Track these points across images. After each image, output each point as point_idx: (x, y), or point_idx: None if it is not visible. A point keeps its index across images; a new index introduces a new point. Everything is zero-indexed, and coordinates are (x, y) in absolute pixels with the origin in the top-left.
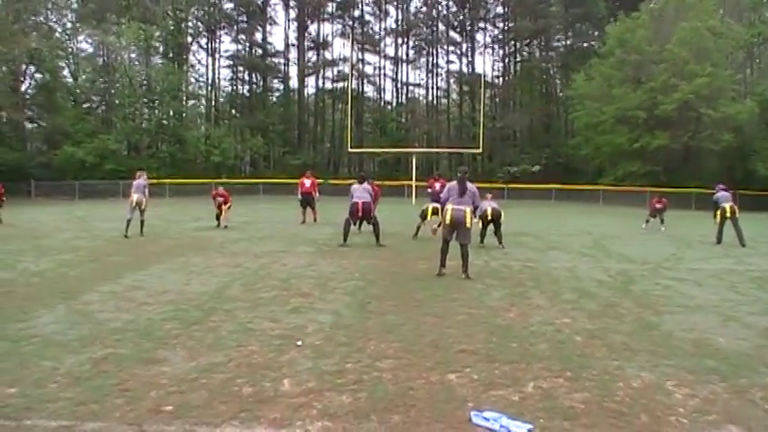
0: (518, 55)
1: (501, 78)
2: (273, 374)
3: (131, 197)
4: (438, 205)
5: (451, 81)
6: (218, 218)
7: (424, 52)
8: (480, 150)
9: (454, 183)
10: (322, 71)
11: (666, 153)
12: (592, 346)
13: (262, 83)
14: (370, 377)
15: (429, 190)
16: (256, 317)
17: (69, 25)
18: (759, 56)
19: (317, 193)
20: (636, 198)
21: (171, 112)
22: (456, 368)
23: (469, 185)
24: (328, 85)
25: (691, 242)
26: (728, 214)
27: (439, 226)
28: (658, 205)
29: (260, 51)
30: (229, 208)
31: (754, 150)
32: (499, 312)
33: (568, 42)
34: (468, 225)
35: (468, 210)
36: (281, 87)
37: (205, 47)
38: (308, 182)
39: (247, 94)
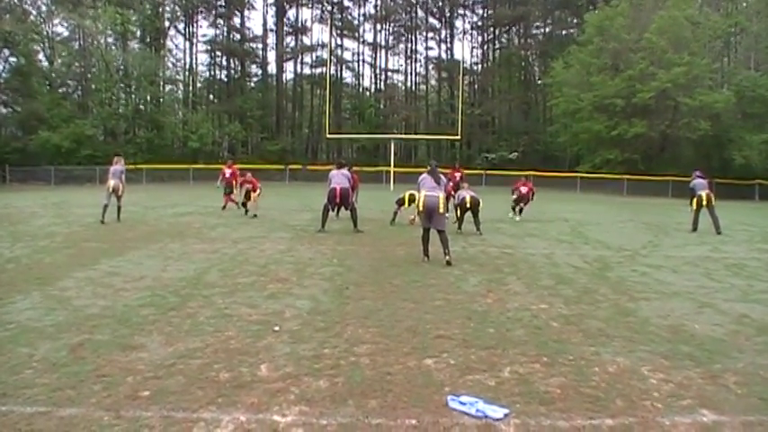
0: (497, 42)
1: (480, 65)
2: (251, 360)
3: (108, 183)
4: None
5: (430, 67)
6: (245, 205)
7: (403, 38)
8: (459, 137)
9: (426, 174)
10: (300, 57)
11: (644, 141)
12: (568, 332)
13: (240, 68)
14: (347, 362)
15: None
16: (234, 302)
17: (44, 8)
18: (736, 45)
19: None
20: (613, 186)
21: (148, 98)
22: (433, 353)
23: (442, 177)
24: (307, 70)
25: (667, 230)
26: (705, 202)
27: (413, 219)
28: (524, 189)
29: (238, 36)
30: (259, 195)
31: (731, 139)
32: (476, 298)
33: (547, 30)
34: (440, 211)
35: (441, 196)
36: (260, 73)
37: (183, 31)
38: (228, 171)
39: (225, 80)
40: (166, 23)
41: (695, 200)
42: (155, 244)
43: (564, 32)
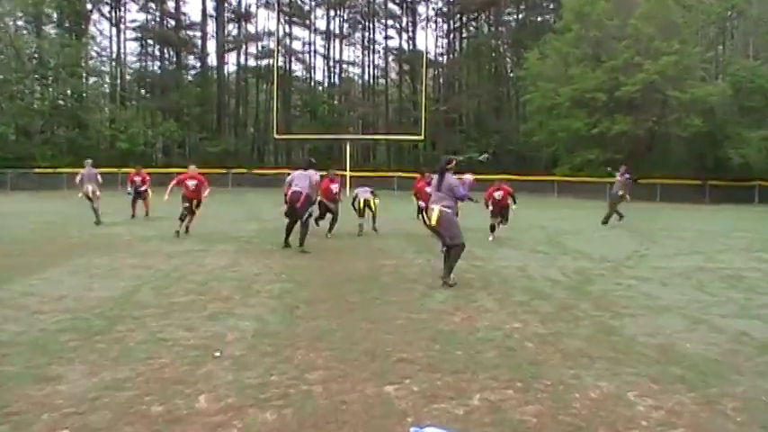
0: (464, 30)
1: (445, 56)
2: (188, 390)
3: (85, 187)
4: (369, 197)
5: (390, 59)
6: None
7: (360, 26)
8: (422, 137)
9: (436, 177)
10: (244, 47)
11: (629, 139)
12: (545, 353)
13: (175, 59)
14: (297, 391)
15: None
16: (169, 325)
17: None
18: (732, 31)
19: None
20: (595, 189)
21: (68, 92)
22: (394, 379)
23: (449, 178)
24: (251, 62)
25: (656, 237)
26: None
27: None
28: (498, 194)
29: (172, 22)
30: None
31: (727, 136)
32: (442, 317)
33: (520, 16)
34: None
35: (438, 207)
36: (198, 65)
37: (108, 16)
38: (138, 179)
39: (159, 72)
40: (88, 6)
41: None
42: (78, 259)
43: (539, 19)
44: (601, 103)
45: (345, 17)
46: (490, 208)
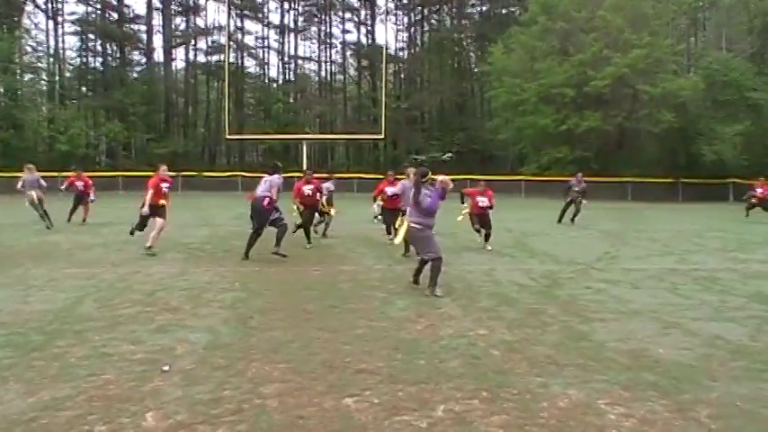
0: (426, 23)
1: (406, 51)
2: (134, 408)
3: (28, 194)
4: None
5: (348, 54)
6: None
7: (316, 20)
8: (382, 136)
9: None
10: (193, 41)
11: (598, 136)
12: (511, 361)
13: (119, 55)
14: (251, 406)
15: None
16: (113, 339)
17: None
18: (704, 22)
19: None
20: (563, 189)
21: (1, 89)
22: (354, 391)
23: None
24: (201, 58)
25: (627, 239)
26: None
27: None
28: (482, 200)
29: (115, 15)
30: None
31: (699, 132)
32: (404, 324)
33: (484, 8)
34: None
35: (408, 222)
36: (144, 61)
37: (44, 8)
38: (80, 183)
39: (101, 69)
40: None
41: None
42: (13, 270)
43: (504, 11)
44: (569, 98)
45: (300, 10)
46: (465, 212)
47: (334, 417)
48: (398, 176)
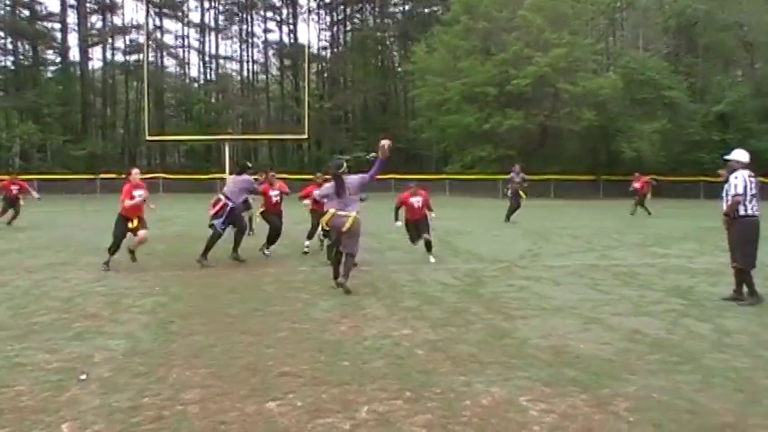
0: (348, 22)
1: (329, 50)
2: (49, 419)
3: None
4: None
5: (270, 54)
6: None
7: (237, 18)
8: (306, 136)
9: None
10: (110, 40)
11: (521, 135)
12: (435, 361)
13: (31, 53)
14: (172, 412)
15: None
16: (27, 348)
17: None
18: (622, 22)
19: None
20: (487, 187)
21: None
22: (276, 395)
23: (349, 178)
24: (119, 57)
25: (549, 236)
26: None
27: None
28: (415, 201)
29: (27, 12)
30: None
31: (619, 129)
32: (328, 326)
33: (407, 8)
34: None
35: (353, 214)
36: (59, 60)
37: None
38: (15, 188)
39: (13, 68)
40: None
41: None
42: None
43: (426, 11)
44: (491, 97)
45: (221, 9)
46: (399, 223)
47: (257, 421)
48: (327, 177)
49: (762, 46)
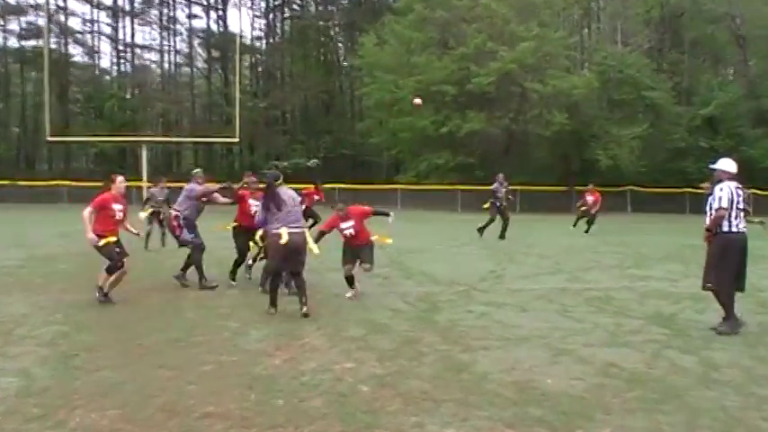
0: (287, 9)
1: (264, 41)
2: None
3: None
4: None
5: (196, 43)
6: None
7: (156, 1)
8: (237, 139)
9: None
10: (2, 22)
11: (483, 140)
12: (382, 398)
13: None
14: None
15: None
16: None
17: None
18: (598, 13)
19: None
20: (444, 199)
21: None
22: None
23: (287, 193)
24: (13, 42)
25: (514, 255)
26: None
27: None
28: (346, 227)
29: None
30: None
31: (594, 135)
32: (260, 359)
33: None
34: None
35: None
36: None
37: None
38: None
39: None
40: None
41: None
42: None
43: None
44: (449, 97)
45: None
46: (316, 250)
47: None
48: (258, 181)
49: (756, 40)
